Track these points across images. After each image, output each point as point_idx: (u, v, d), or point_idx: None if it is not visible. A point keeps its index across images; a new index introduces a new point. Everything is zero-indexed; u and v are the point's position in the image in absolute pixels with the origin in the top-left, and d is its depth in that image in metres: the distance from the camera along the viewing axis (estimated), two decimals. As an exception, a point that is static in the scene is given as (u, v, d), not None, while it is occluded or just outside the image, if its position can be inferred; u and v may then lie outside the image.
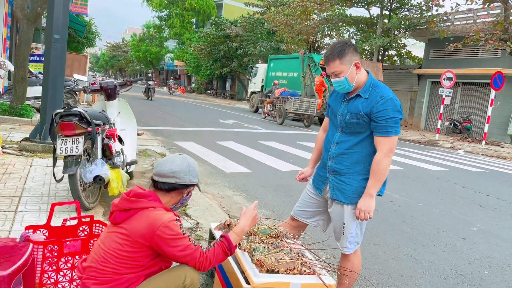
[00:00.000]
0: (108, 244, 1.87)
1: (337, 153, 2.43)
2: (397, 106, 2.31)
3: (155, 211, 1.88)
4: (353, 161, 2.40)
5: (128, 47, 66.88)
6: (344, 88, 2.37)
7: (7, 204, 3.57)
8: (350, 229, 2.46)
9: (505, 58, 17.81)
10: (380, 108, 2.29)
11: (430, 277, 3.41)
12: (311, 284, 2.07)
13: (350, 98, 2.41)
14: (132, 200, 1.92)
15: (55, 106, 5.83)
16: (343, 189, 2.43)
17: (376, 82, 2.42)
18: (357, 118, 2.35)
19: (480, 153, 14.00)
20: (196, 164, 2.11)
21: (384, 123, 2.29)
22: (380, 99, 2.31)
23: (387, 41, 21.80)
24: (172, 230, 1.83)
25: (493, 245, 4.38)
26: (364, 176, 2.40)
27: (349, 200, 2.42)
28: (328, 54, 2.35)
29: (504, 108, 18.06)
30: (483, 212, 5.72)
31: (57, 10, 5.97)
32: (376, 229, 4.43)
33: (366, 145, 2.39)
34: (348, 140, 2.41)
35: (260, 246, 2.25)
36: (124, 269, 1.83)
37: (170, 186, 2.00)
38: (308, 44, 28.19)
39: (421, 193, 6.49)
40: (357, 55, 2.35)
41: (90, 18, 27.28)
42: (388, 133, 2.29)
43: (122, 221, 1.89)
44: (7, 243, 1.91)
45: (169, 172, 1.98)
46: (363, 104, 2.34)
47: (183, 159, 2.04)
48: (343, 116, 2.41)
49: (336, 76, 2.34)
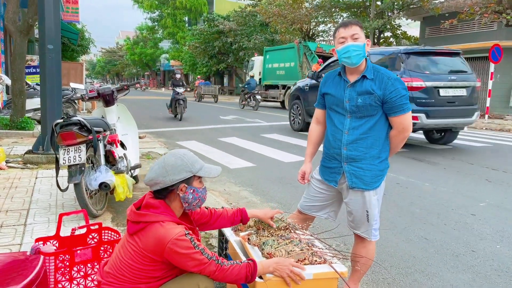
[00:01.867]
0: (124, 253, 1.86)
1: (352, 139, 2.38)
2: (404, 84, 2.36)
3: (164, 226, 1.81)
4: (368, 145, 2.37)
5: (123, 51, 66.85)
6: (359, 56, 2.31)
7: (16, 218, 3.59)
8: (374, 216, 2.44)
9: (502, 31, 17.66)
10: (391, 88, 2.29)
11: (442, 256, 3.40)
12: (323, 273, 2.06)
13: (355, 82, 2.37)
14: (139, 213, 1.87)
15: (54, 116, 5.84)
16: (361, 175, 2.38)
17: (376, 65, 2.42)
18: (370, 100, 2.32)
19: (483, 127, 13.93)
20: (179, 159, 1.92)
21: (398, 101, 2.30)
22: (388, 79, 2.31)
23: (381, 23, 21.66)
24: (181, 247, 1.77)
25: (503, 219, 4.37)
26: (380, 159, 2.40)
27: (369, 186, 2.38)
28: (349, 20, 2.40)
29: (505, 80, 17.94)
30: (491, 186, 5.71)
31: (48, 20, 5.95)
32: (385, 212, 4.42)
33: (379, 127, 2.38)
34: (360, 125, 2.37)
35: (270, 240, 2.25)
36: (139, 279, 1.83)
37: (161, 194, 1.92)
38: (302, 33, 28.03)
39: (427, 173, 6.47)
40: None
41: (82, 25, 27.23)
42: (403, 110, 2.32)
43: (134, 232, 1.86)
44: (17, 257, 1.92)
45: (149, 181, 1.91)
46: (372, 85, 2.32)
47: (160, 161, 1.93)
48: (353, 100, 2.36)
49: (356, 40, 2.30)
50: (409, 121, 2.37)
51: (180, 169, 1.89)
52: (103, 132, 3.93)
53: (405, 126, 2.36)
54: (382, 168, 2.41)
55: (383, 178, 2.44)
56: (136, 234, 1.85)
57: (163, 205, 1.91)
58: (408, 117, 2.35)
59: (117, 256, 1.89)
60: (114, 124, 4.50)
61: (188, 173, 1.91)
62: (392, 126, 2.40)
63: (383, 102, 2.32)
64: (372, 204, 2.41)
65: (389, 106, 2.32)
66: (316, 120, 2.69)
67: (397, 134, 2.39)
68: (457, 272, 3.12)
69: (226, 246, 2.62)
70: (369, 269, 2.76)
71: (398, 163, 6.98)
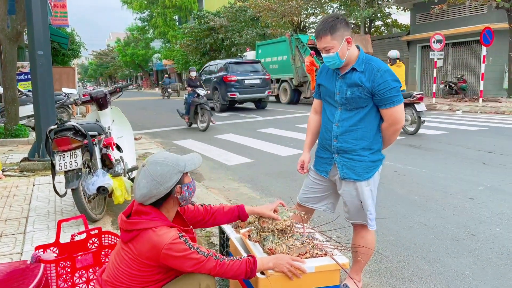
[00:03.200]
0: (120, 261, 1.84)
1: (341, 131, 2.40)
2: (395, 76, 2.32)
3: (157, 232, 1.78)
4: (358, 137, 2.37)
5: (114, 53, 66.49)
6: (335, 64, 2.33)
7: (15, 227, 3.58)
8: (368, 207, 2.44)
9: (492, 13, 17.67)
10: (380, 80, 2.27)
11: (443, 241, 3.42)
12: (324, 265, 2.07)
13: (345, 74, 2.36)
14: (130, 222, 1.83)
15: (48, 122, 5.81)
16: (352, 166, 2.39)
17: (369, 56, 2.39)
18: (359, 92, 2.31)
19: (478, 111, 13.98)
20: (163, 165, 1.86)
21: (388, 94, 2.28)
22: (377, 71, 2.28)
23: (372, 12, 21.62)
24: (176, 250, 1.75)
25: (501, 201, 4.39)
26: (372, 150, 2.40)
27: (361, 177, 2.39)
28: (319, 29, 2.30)
29: (497, 63, 17.97)
30: (488, 169, 5.73)
31: (37, 26, 5.90)
32: (384, 201, 4.44)
33: (370, 119, 2.38)
34: (350, 117, 2.37)
35: (270, 235, 2.25)
36: (138, 284, 1.82)
37: (158, 203, 1.89)
38: (293, 26, 27.97)
39: (425, 159, 6.49)
40: (348, 30, 2.30)
41: (71, 29, 27.06)
42: (393, 103, 2.30)
43: (128, 241, 1.83)
44: (18, 267, 1.91)
45: (142, 198, 1.85)
46: (361, 77, 2.31)
47: (146, 175, 1.84)
48: (342, 92, 2.36)
49: (327, 51, 2.29)
50: (400, 114, 2.33)
51: (170, 174, 1.85)
52: (98, 135, 3.91)
53: (395, 118, 2.34)
54: (375, 159, 2.41)
55: (376, 169, 2.43)
56: (130, 242, 1.83)
57: (154, 210, 1.87)
58: (398, 110, 2.32)
59: (113, 264, 1.87)
60: (109, 127, 4.48)
61: (178, 174, 1.88)
62: (383, 118, 2.39)
63: (372, 94, 2.31)
64: (365, 194, 2.41)
65: (378, 99, 2.31)
66: (314, 110, 2.70)
67: (388, 127, 2.39)
68: (458, 257, 3.14)
69: (227, 243, 2.62)
70: (370, 259, 2.78)
71: (395, 151, 7.00)
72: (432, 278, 2.84)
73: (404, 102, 2.75)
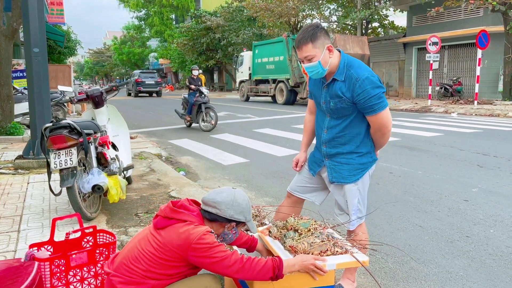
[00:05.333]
0: (145, 245, 1.90)
1: (329, 138, 2.45)
2: (375, 83, 2.25)
3: (193, 225, 1.88)
4: (345, 142, 2.41)
5: (110, 52, 66.25)
6: (318, 73, 2.30)
7: (9, 225, 3.56)
8: (354, 206, 2.46)
9: (488, 16, 17.78)
10: (359, 90, 2.24)
11: (437, 243, 3.44)
12: (345, 263, 2.11)
13: (328, 83, 2.36)
14: (176, 210, 1.93)
15: (44, 120, 5.78)
16: (340, 169, 2.44)
17: (350, 61, 2.34)
18: (341, 103, 2.32)
19: (473, 113, 14.05)
20: (245, 201, 2.02)
21: (368, 103, 2.25)
22: (356, 80, 2.24)
23: (368, 13, 21.69)
24: (207, 242, 1.82)
25: (495, 203, 4.42)
26: (359, 154, 2.42)
27: (347, 180, 2.42)
28: (300, 38, 2.26)
29: (492, 66, 18.09)
30: (483, 172, 5.76)
31: (33, 24, 5.87)
32: (379, 202, 4.45)
33: (356, 125, 2.39)
34: (337, 124, 2.41)
35: (291, 232, 2.26)
36: (152, 274, 1.85)
37: (211, 216, 1.97)
38: (290, 26, 27.99)
39: (420, 160, 6.52)
40: (329, 39, 2.29)
41: (68, 27, 26.93)
42: (375, 111, 2.27)
43: (162, 227, 1.91)
44: (12, 264, 1.90)
45: (211, 201, 1.96)
46: (341, 88, 2.30)
47: (231, 192, 2.00)
48: (327, 103, 2.39)
49: (309, 60, 2.26)
50: (385, 120, 2.31)
51: (241, 211, 1.99)
52: (93, 134, 3.89)
53: (379, 125, 2.33)
54: (363, 162, 2.43)
55: (365, 172, 2.44)
56: (163, 228, 1.90)
57: (198, 214, 1.97)
58: (382, 116, 2.29)
59: (135, 248, 1.91)
60: (105, 125, 4.46)
61: (243, 218, 2.01)
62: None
63: (354, 103, 2.30)
64: (352, 194, 2.44)
65: (360, 107, 2.30)
66: (309, 110, 2.74)
67: (374, 132, 2.39)
68: (452, 258, 3.15)
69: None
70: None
71: (390, 152, 7.03)
72: (426, 279, 2.85)
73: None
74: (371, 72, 2.29)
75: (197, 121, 10.69)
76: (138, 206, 4.17)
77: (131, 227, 3.57)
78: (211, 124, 10.35)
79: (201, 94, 10.48)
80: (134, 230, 3.49)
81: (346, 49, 16.59)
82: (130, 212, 3.97)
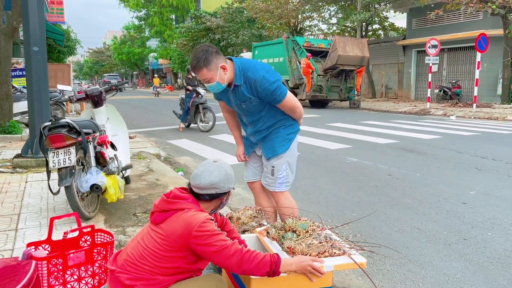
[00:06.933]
0: (148, 241, 1.91)
1: (254, 130, 2.84)
2: (271, 77, 2.57)
3: (191, 212, 1.92)
4: (268, 125, 2.79)
5: (110, 51, 66.22)
6: (219, 89, 2.61)
7: (6, 223, 3.55)
8: (280, 171, 2.82)
9: (487, 20, 17.82)
10: (260, 89, 2.58)
11: (435, 245, 3.44)
12: (343, 264, 2.11)
13: (232, 89, 2.65)
14: (170, 201, 1.96)
15: (42, 119, 5.77)
16: (271, 145, 2.81)
17: (243, 63, 2.62)
18: (251, 103, 2.66)
19: (472, 116, 14.08)
20: (231, 168, 2.11)
21: (271, 96, 2.61)
22: (254, 82, 2.56)
23: (368, 16, 21.72)
24: (207, 229, 1.85)
25: (493, 206, 4.43)
26: (283, 126, 2.80)
27: (278, 151, 2.79)
28: (194, 64, 2.49)
29: (491, 69, 18.12)
30: (481, 175, 5.77)
31: (32, 22, 5.86)
32: (377, 203, 4.45)
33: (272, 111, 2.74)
34: (257, 118, 2.77)
35: (289, 233, 2.26)
36: (159, 269, 1.86)
37: (212, 197, 2.03)
38: (290, 28, 28.01)
39: (418, 163, 6.53)
40: (220, 57, 2.52)
41: (68, 26, 26.91)
42: (280, 100, 2.65)
43: (161, 221, 1.93)
44: (9, 263, 1.90)
45: (209, 185, 2.00)
46: (244, 90, 2.61)
47: (220, 168, 2.05)
48: (239, 106, 2.73)
49: (208, 82, 2.53)
50: (291, 103, 2.70)
51: (232, 179, 2.10)
52: (92, 133, 3.89)
53: (288, 108, 2.73)
54: (289, 132, 2.82)
55: (291, 142, 2.83)
56: (162, 222, 1.93)
57: (192, 198, 2.02)
58: (286, 103, 2.67)
59: (138, 245, 1.92)
60: (104, 125, 4.45)
61: (233, 184, 2.12)
62: None
63: (260, 99, 2.64)
64: (279, 161, 2.81)
65: (266, 100, 2.65)
66: (224, 110, 3.05)
67: (288, 113, 2.78)
68: (450, 261, 3.16)
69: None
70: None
71: (389, 154, 7.04)
72: (424, 282, 2.85)
73: None
74: (264, 68, 2.60)
75: (195, 121, 10.73)
76: (136, 206, 4.17)
77: (129, 227, 3.57)
78: (209, 125, 10.36)
79: (198, 95, 10.44)
80: (132, 230, 3.48)
81: (346, 51, 16.59)
82: (128, 212, 3.96)
